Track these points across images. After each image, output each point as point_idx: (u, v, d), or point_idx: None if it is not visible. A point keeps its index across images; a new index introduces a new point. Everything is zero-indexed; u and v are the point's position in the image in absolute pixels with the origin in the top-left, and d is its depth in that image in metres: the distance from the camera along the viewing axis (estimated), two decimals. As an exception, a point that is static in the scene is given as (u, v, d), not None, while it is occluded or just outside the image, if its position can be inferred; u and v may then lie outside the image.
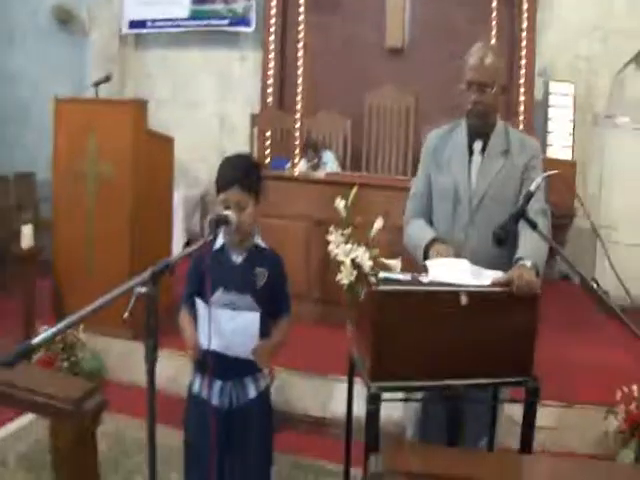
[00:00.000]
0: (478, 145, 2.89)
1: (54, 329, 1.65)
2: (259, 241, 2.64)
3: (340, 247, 4.83)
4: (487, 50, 2.82)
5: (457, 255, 2.69)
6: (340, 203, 4.87)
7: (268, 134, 7.95)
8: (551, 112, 7.42)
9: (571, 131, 7.21)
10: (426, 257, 2.76)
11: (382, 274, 2.46)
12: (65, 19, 8.52)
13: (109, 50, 8.65)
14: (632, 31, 7.07)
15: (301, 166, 6.77)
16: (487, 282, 2.45)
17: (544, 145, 6.85)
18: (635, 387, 3.82)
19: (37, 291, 4.83)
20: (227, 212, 2.39)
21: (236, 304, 2.50)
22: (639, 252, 6.74)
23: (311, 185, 5.49)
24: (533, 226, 2.35)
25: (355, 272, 4.82)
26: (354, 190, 4.93)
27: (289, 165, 6.54)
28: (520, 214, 2.35)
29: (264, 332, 2.51)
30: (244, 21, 8.25)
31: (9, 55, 8.75)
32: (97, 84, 5.25)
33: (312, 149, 6.86)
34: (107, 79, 5.47)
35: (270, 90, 8.13)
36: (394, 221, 4.89)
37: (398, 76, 7.57)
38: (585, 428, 3.97)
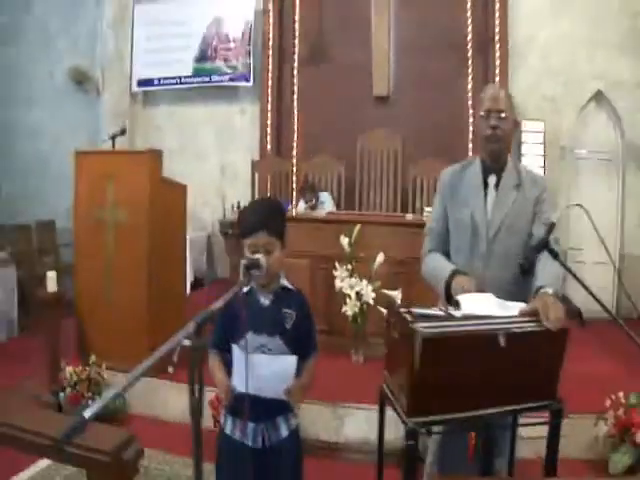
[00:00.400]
0: (492, 179, 2.74)
1: (102, 402, 1.41)
2: (285, 282, 2.43)
3: (345, 281, 4.65)
4: (500, 87, 2.87)
5: (478, 285, 2.50)
6: (344, 240, 4.72)
7: (268, 179, 7.79)
8: (524, 148, 7.34)
9: (542, 164, 7.13)
10: (448, 289, 2.57)
11: (416, 310, 2.22)
12: (80, 79, 8.52)
13: (120, 106, 8.55)
14: (591, 74, 7.16)
15: (300, 207, 6.56)
16: (513, 313, 2.26)
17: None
18: (622, 394, 3.78)
19: (61, 331, 4.56)
20: (257, 256, 2.19)
21: (267, 346, 2.30)
22: (601, 269, 6.74)
23: (313, 224, 5.36)
24: (555, 255, 2.25)
25: (358, 304, 4.69)
26: (357, 228, 4.79)
27: (289, 206, 6.32)
28: (544, 244, 2.25)
29: (295, 372, 2.30)
30: (243, 76, 8.17)
31: (29, 113, 8.77)
32: (113, 137, 5.04)
33: (310, 191, 6.70)
34: (123, 132, 5.31)
35: (268, 138, 7.99)
36: (392, 255, 4.75)
37: (385, 122, 7.47)
38: (577, 435, 3.79)
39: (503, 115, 2.66)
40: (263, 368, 2.20)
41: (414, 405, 2.07)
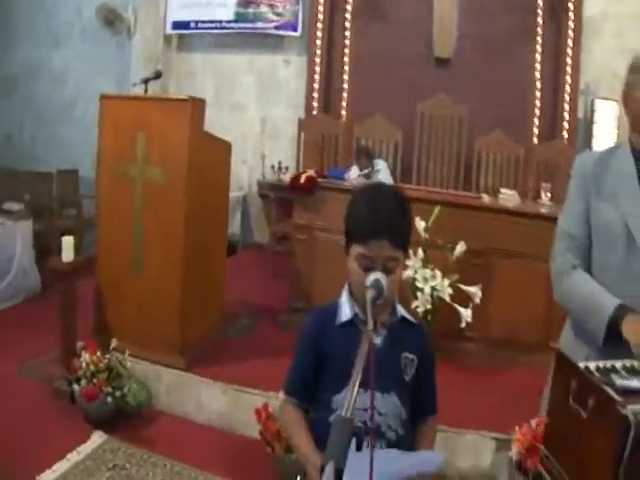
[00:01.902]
0: None
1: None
2: (403, 312, 1.69)
3: (419, 272, 3.83)
4: None
5: None
6: (420, 223, 3.90)
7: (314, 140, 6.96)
8: (595, 129, 6.65)
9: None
10: (611, 329, 1.83)
11: (617, 380, 1.44)
12: (110, 19, 7.68)
13: (153, 50, 7.72)
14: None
15: (352, 173, 5.70)
16: None
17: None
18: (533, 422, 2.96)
19: (80, 298, 3.83)
20: (377, 275, 1.46)
21: (377, 410, 1.55)
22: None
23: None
24: None
25: (430, 299, 3.90)
26: (437, 209, 3.98)
27: (344, 174, 5.46)
28: None
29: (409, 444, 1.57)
30: (290, 25, 7.28)
31: (54, 53, 8.14)
32: (146, 81, 4.22)
33: (366, 156, 5.76)
34: (158, 76, 4.51)
35: (315, 95, 7.14)
36: (469, 243, 4.01)
37: (446, 87, 6.60)
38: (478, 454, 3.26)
39: None
40: (386, 465, 1.39)
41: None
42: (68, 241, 3.59)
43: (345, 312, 1.65)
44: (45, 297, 5.13)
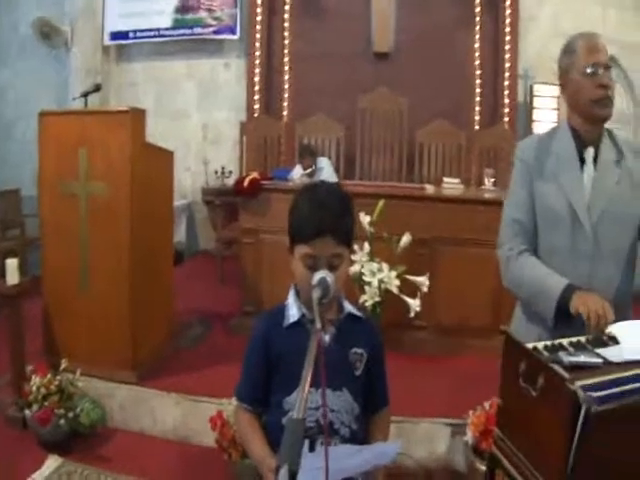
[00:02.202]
0: (590, 153, 2.03)
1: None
2: (351, 307, 1.69)
3: (366, 266, 3.86)
4: (596, 34, 2.08)
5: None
6: (365, 218, 3.91)
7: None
8: (536, 114, 6.83)
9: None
10: (560, 309, 1.88)
11: (564, 357, 1.49)
12: (46, 33, 7.48)
13: (91, 62, 7.55)
14: (603, 37, 6.42)
15: (295, 173, 5.70)
16: None
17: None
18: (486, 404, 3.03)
19: (28, 319, 3.71)
20: (322, 274, 1.46)
21: (329, 407, 1.56)
22: None
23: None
24: None
25: (378, 292, 3.92)
26: (381, 203, 4.01)
27: (288, 174, 5.46)
28: None
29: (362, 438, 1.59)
30: (229, 28, 7.23)
31: None
32: (86, 94, 4.20)
33: (309, 155, 5.77)
34: (97, 88, 4.47)
35: (256, 97, 7.11)
36: (414, 233, 4.03)
37: (386, 81, 6.65)
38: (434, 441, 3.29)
39: (610, 69, 2.00)
40: (341, 460, 1.40)
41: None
42: (12, 264, 3.51)
43: (292, 313, 1.66)
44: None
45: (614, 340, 1.65)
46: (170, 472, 3.15)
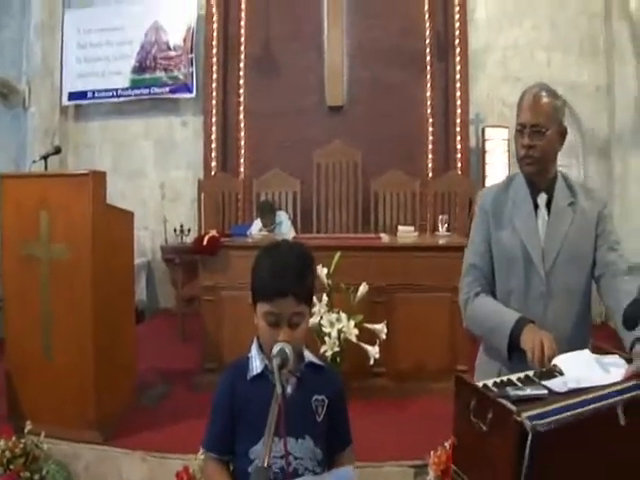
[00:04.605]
0: (542, 198, 2.17)
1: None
2: (311, 357, 1.78)
3: (325, 317, 3.97)
4: (542, 89, 2.14)
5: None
6: (323, 270, 4.04)
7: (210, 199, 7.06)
8: (488, 157, 7.06)
9: (507, 174, 6.68)
10: (512, 343, 2.01)
11: (511, 391, 1.60)
12: (3, 93, 7.44)
13: (49, 123, 7.59)
14: (550, 79, 6.71)
15: (254, 228, 5.82)
16: (617, 375, 1.71)
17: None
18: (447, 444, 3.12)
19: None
20: (280, 345, 1.55)
21: (292, 454, 1.63)
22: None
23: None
24: None
25: (338, 342, 4.04)
26: (337, 255, 4.16)
27: (247, 231, 5.57)
28: None
29: None
30: (185, 87, 7.39)
31: None
32: (46, 157, 4.23)
33: (269, 211, 5.89)
34: (57, 151, 4.51)
35: (213, 154, 7.25)
36: (370, 281, 4.19)
37: (341, 134, 6.85)
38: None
39: (542, 130, 2.08)
40: None
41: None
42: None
43: (256, 365, 1.72)
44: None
45: (562, 372, 1.76)
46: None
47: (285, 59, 7.20)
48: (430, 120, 7.08)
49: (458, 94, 7.03)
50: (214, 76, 7.24)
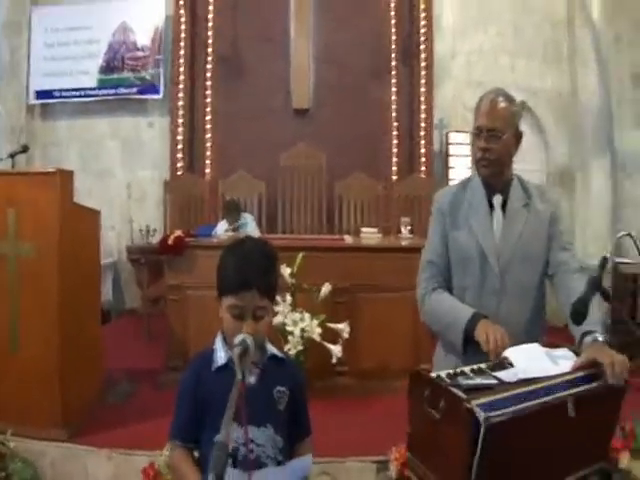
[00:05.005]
0: (498, 199, 2.27)
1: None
2: (274, 350, 1.86)
3: (288, 316, 4.05)
4: (499, 94, 2.25)
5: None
6: (286, 270, 4.12)
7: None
8: (451, 161, 7.23)
9: (470, 178, 6.89)
10: (467, 338, 2.12)
11: (463, 381, 1.71)
12: None
13: (16, 121, 7.56)
14: (514, 85, 6.90)
15: (219, 229, 5.88)
16: (566, 367, 1.84)
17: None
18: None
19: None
20: (242, 337, 1.61)
21: (254, 441, 1.71)
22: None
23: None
24: (607, 296, 1.89)
25: (302, 341, 4.12)
26: (300, 256, 4.24)
27: (212, 231, 5.63)
28: (598, 282, 1.86)
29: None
30: (153, 88, 7.42)
31: None
32: (13, 155, 4.24)
33: (235, 210, 5.97)
34: (25, 149, 4.54)
35: (179, 155, 7.28)
36: (333, 282, 4.29)
37: (306, 136, 6.97)
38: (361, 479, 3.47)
39: (499, 134, 2.18)
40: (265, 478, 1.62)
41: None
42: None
43: (220, 356, 1.78)
44: None
45: (512, 364, 1.87)
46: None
47: (252, 61, 7.28)
48: (395, 124, 7.23)
49: (423, 98, 7.16)
50: (181, 77, 7.29)
